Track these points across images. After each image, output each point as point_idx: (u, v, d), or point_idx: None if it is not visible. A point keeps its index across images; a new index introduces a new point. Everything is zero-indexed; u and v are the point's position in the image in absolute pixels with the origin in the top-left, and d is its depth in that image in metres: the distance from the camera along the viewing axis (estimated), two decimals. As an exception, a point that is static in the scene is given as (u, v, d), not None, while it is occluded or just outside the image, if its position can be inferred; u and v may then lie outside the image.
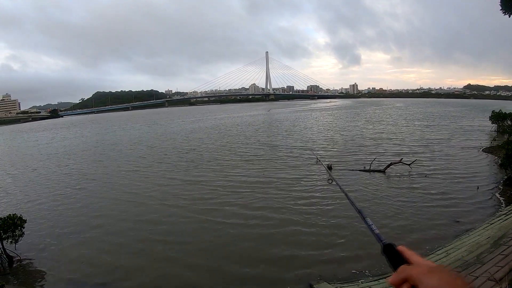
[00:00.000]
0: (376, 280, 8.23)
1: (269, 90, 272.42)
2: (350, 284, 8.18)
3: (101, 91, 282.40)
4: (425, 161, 22.14)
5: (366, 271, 8.98)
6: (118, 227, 13.38)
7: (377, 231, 1.50)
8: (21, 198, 18.43)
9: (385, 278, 8.21)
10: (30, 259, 10.93)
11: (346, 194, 2.08)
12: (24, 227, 11.07)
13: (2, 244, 10.64)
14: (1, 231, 10.41)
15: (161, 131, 54.12)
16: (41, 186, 21.04)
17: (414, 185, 16.82)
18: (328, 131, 43.87)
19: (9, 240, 10.67)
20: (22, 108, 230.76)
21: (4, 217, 10.65)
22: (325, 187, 16.64)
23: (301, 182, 18.19)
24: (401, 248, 1.08)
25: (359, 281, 8.44)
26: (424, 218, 12.48)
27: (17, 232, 10.79)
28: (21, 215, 11.19)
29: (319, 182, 17.96)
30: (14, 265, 10.58)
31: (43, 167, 28.01)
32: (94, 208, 15.84)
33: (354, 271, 9.05)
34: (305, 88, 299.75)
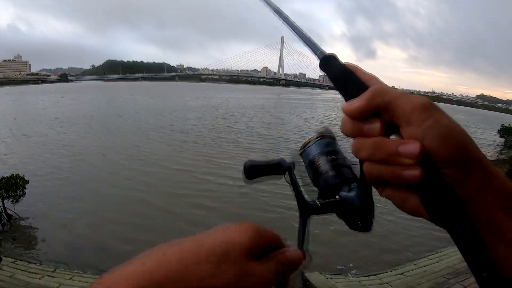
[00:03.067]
0: (365, 276, 8.34)
1: (281, 75, 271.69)
2: (341, 277, 8.29)
3: (113, 59, 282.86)
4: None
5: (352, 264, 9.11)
6: (119, 192, 13.62)
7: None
8: (24, 160, 18.56)
9: (376, 275, 8.32)
10: (29, 219, 11.13)
11: None
12: (25, 188, 11.22)
13: (3, 203, 10.82)
14: (3, 190, 10.57)
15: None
16: (46, 150, 21.16)
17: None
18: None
19: (10, 200, 10.83)
20: (33, 70, 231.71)
21: (7, 177, 10.80)
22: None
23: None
24: (349, 64, 0.66)
25: (348, 275, 8.56)
26: (420, 222, 12.45)
27: (18, 192, 10.94)
28: (23, 175, 11.34)
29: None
30: (13, 224, 10.77)
31: (50, 131, 28.20)
32: (95, 174, 16.01)
33: (339, 267, 9.14)
34: (317, 77, 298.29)
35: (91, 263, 8.64)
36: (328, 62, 0.65)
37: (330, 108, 71.24)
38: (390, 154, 0.48)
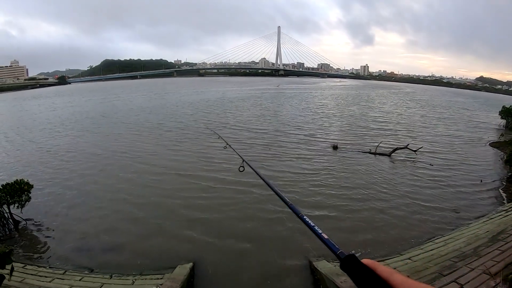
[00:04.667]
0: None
1: (279, 65, 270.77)
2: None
3: (110, 59, 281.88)
4: (431, 149, 22.16)
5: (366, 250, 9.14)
6: (125, 194, 13.57)
7: (325, 236, 1.28)
8: (26, 164, 18.64)
9: (383, 261, 8.36)
10: (35, 224, 11.15)
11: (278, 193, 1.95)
12: (30, 192, 11.28)
13: (9, 209, 10.87)
14: (8, 196, 10.62)
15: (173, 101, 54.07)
16: (48, 154, 21.19)
17: (418, 172, 16.87)
18: (335, 111, 43.42)
19: (16, 205, 10.89)
20: (30, 75, 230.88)
21: (11, 182, 10.85)
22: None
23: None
24: (368, 261, 0.82)
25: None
26: (425, 206, 12.55)
27: (23, 197, 10.99)
28: (28, 180, 11.38)
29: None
30: (20, 230, 10.82)
31: (48, 134, 28.28)
32: (99, 177, 15.99)
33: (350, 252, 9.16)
34: (315, 66, 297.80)
35: (100, 263, 8.70)
36: (349, 262, 0.81)
37: (326, 96, 71.43)
38: None
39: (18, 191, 10.83)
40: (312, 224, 1.22)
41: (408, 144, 20.57)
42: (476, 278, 6.03)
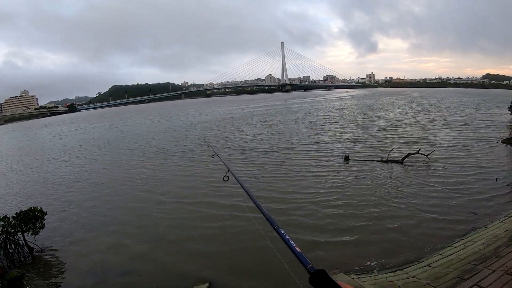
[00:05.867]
0: (392, 271, 8.21)
1: (285, 80, 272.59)
2: (366, 275, 8.17)
3: (118, 84, 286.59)
4: (442, 152, 21.82)
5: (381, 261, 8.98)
6: (136, 219, 13.61)
7: (297, 250, 1.24)
8: (39, 192, 18.95)
9: (402, 269, 8.19)
10: (50, 251, 11.23)
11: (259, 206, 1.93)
12: (44, 219, 11.40)
13: (24, 236, 10.97)
14: (22, 224, 10.73)
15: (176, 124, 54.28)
16: (59, 181, 21.55)
17: (432, 177, 16.62)
18: (345, 120, 43.43)
19: (30, 232, 10.97)
20: (40, 104, 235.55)
21: (25, 210, 10.98)
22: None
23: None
24: (342, 284, 0.77)
25: (374, 272, 8.43)
26: (441, 210, 12.33)
27: (37, 224, 11.12)
28: (41, 207, 11.52)
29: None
30: (35, 257, 10.88)
31: (65, 159, 28.70)
32: (111, 201, 16.16)
33: (368, 263, 9.02)
34: (321, 78, 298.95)
35: None
36: (318, 277, 0.75)
37: (331, 108, 71.31)
38: None
39: (32, 218, 10.94)
40: (287, 237, 1.21)
41: (419, 149, 20.29)
42: (498, 279, 5.88)
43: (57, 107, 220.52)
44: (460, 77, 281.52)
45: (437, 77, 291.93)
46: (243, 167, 20.50)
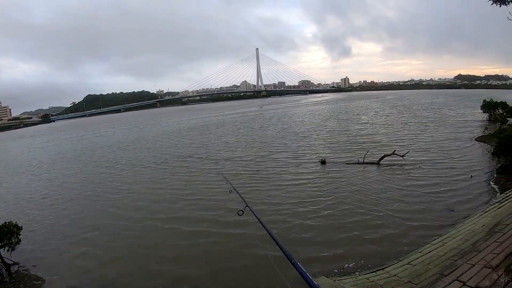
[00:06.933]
0: (373, 272, 8.29)
1: (260, 86, 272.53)
2: (348, 277, 8.23)
3: (92, 94, 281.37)
4: (418, 152, 22.32)
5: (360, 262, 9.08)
6: (114, 232, 13.29)
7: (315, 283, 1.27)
8: (13, 205, 18.37)
9: (383, 269, 8.29)
10: (27, 266, 10.85)
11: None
12: (20, 234, 11.00)
13: (-1, 253, 10.58)
14: (-3, 240, 10.35)
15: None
16: (35, 193, 20.97)
17: (408, 176, 16.99)
18: (319, 125, 43.91)
19: (6, 248, 10.59)
20: (13, 115, 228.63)
21: (0, 225, 10.59)
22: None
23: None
24: None
25: (356, 273, 8.49)
26: (419, 208, 12.57)
27: (13, 240, 10.71)
28: (16, 222, 11.13)
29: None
30: (12, 273, 10.51)
31: (35, 173, 27.90)
32: (88, 214, 15.73)
33: (347, 265, 9.06)
34: (296, 83, 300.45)
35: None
36: None
37: (305, 113, 71.96)
38: None
39: (8, 233, 10.56)
40: (304, 270, 1.22)
41: (394, 150, 20.65)
42: (478, 273, 6.00)
43: (31, 117, 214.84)
44: (433, 79, 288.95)
45: (410, 80, 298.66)
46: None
